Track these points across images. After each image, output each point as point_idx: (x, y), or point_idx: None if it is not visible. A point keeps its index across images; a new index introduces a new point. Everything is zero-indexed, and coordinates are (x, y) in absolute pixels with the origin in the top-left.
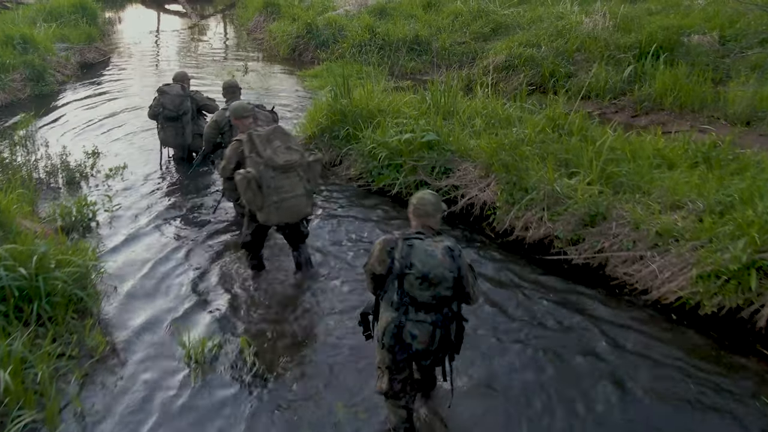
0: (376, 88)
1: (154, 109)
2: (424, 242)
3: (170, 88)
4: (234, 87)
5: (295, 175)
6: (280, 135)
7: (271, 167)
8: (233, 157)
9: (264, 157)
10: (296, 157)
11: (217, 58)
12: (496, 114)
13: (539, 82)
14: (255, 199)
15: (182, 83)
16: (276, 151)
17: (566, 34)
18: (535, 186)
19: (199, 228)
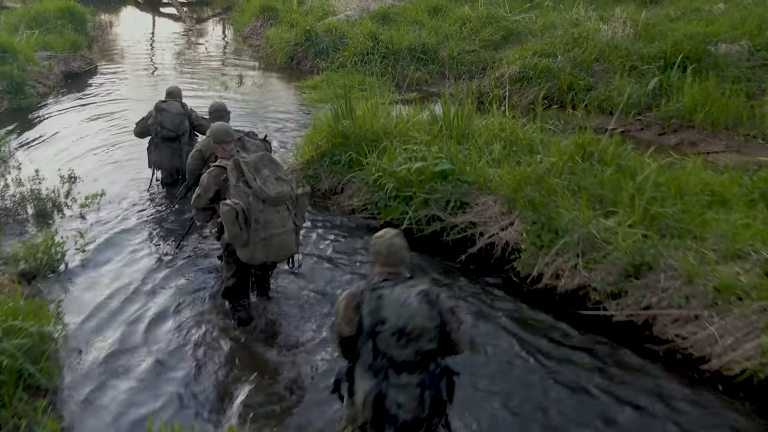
0: (380, 102)
1: (151, 127)
2: (395, 290)
3: (170, 106)
4: (222, 110)
5: (284, 209)
6: (269, 163)
7: (260, 199)
8: (212, 186)
9: (253, 188)
10: (287, 189)
11: (212, 66)
12: (515, 136)
13: (556, 95)
14: (241, 234)
15: (180, 100)
16: (266, 181)
17: (583, 43)
18: (567, 228)
19: (182, 271)
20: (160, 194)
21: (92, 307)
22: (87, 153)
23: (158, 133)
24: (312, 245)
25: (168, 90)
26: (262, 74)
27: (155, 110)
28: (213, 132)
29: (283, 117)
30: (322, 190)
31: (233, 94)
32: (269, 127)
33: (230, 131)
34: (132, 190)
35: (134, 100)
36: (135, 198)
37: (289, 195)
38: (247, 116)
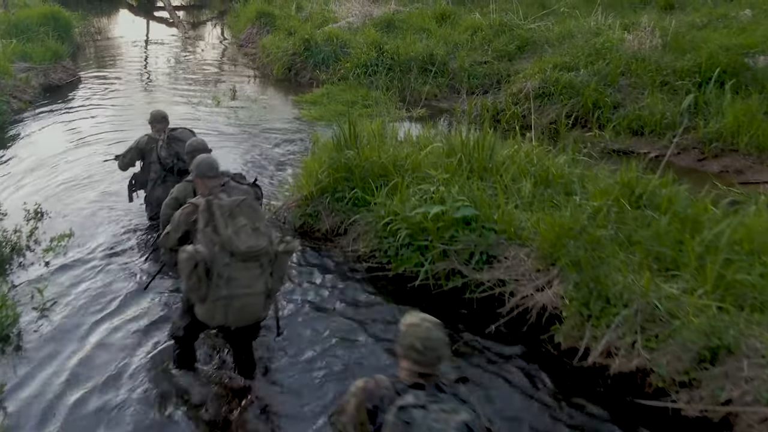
0: (386, 120)
1: (164, 160)
2: (429, 414)
3: (183, 135)
4: (201, 150)
5: (256, 267)
6: (248, 210)
7: (228, 251)
8: (182, 225)
9: (222, 237)
10: (263, 243)
11: (204, 78)
12: (546, 170)
13: (580, 113)
14: (199, 288)
15: (166, 125)
16: (239, 231)
17: (607, 55)
18: (621, 295)
19: (157, 341)
20: (137, 235)
21: (42, 396)
22: (59, 183)
23: (172, 166)
24: (309, 297)
25: (155, 115)
26: (257, 87)
27: (169, 140)
28: (196, 164)
29: (278, 137)
30: (322, 230)
31: (225, 109)
32: (262, 149)
33: (215, 166)
34: (104, 230)
35: (117, 119)
36: (107, 240)
37: (265, 251)
38: (239, 137)
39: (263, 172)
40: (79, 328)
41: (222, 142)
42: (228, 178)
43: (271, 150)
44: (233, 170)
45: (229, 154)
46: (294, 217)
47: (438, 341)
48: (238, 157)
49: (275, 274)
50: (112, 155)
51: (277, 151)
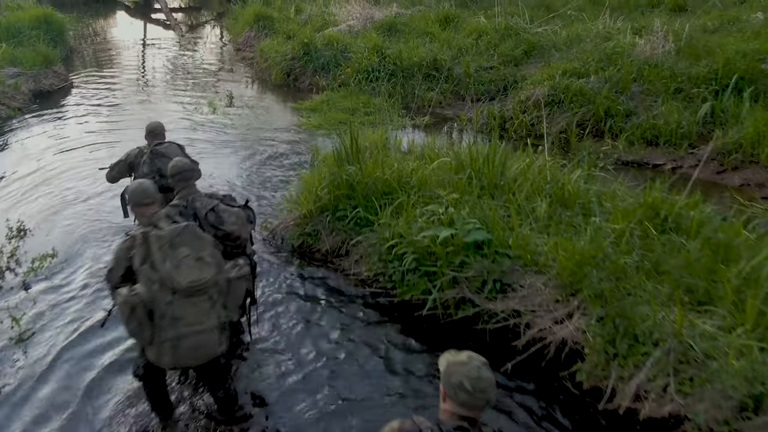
0: (389, 128)
1: (147, 176)
2: None
3: (169, 150)
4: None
5: (204, 300)
6: (191, 239)
7: (169, 288)
8: (122, 262)
9: (161, 273)
10: (209, 275)
11: (201, 83)
12: (561, 186)
13: (591, 122)
14: (142, 331)
15: (162, 138)
16: (180, 264)
17: (618, 60)
18: (650, 333)
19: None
20: None
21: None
22: (45, 197)
23: (154, 182)
24: (307, 325)
25: (151, 128)
26: (255, 92)
27: (151, 155)
28: (130, 192)
29: (276, 147)
30: (322, 251)
31: (220, 117)
32: (259, 161)
33: (150, 191)
34: (90, 248)
35: (109, 127)
36: (92, 261)
37: (212, 282)
38: (235, 146)
39: (259, 186)
40: (56, 363)
41: (217, 153)
42: (217, 201)
43: (268, 161)
44: (225, 187)
45: (223, 165)
46: (292, 236)
47: (488, 382)
48: (233, 169)
49: (229, 305)
50: (107, 165)
51: (274, 162)
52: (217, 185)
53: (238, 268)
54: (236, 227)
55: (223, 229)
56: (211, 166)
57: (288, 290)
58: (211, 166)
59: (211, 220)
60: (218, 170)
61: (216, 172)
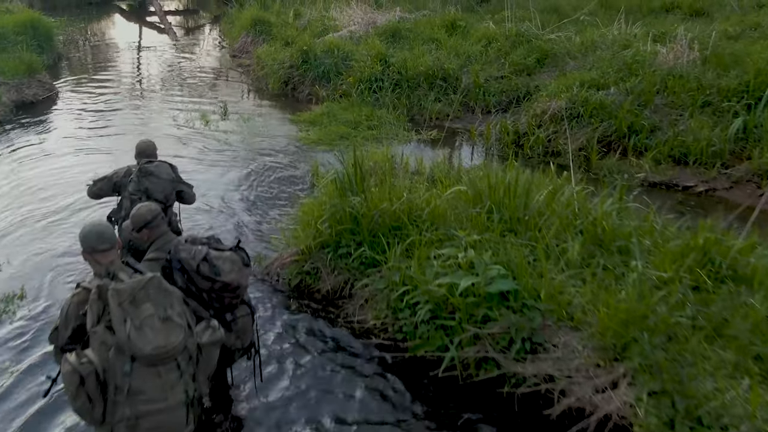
0: (394, 143)
1: (133, 196)
2: None
3: (159, 169)
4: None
5: (170, 370)
6: (156, 293)
7: (128, 355)
8: (72, 320)
9: (118, 336)
10: (177, 339)
11: (193, 92)
12: (592, 220)
13: (614, 138)
14: (91, 409)
15: (154, 158)
16: (143, 325)
17: (639, 70)
18: (717, 415)
19: None
20: None
21: None
22: (19, 222)
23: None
24: (303, 381)
25: (141, 148)
26: (251, 103)
27: (139, 174)
28: (82, 236)
29: (272, 166)
30: (322, 291)
31: (213, 130)
32: (253, 182)
33: (106, 234)
34: (62, 285)
35: (93, 142)
36: (56, 305)
37: (181, 347)
38: (227, 165)
39: (254, 209)
40: None
41: (208, 171)
42: (205, 247)
43: (263, 183)
44: (215, 208)
45: (215, 185)
46: (289, 274)
47: None
48: (225, 190)
49: (199, 375)
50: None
51: (270, 184)
52: (208, 206)
53: (211, 330)
54: (235, 275)
55: (220, 280)
56: (202, 186)
57: (283, 339)
58: (202, 186)
59: (204, 271)
60: (209, 190)
61: (207, 192)
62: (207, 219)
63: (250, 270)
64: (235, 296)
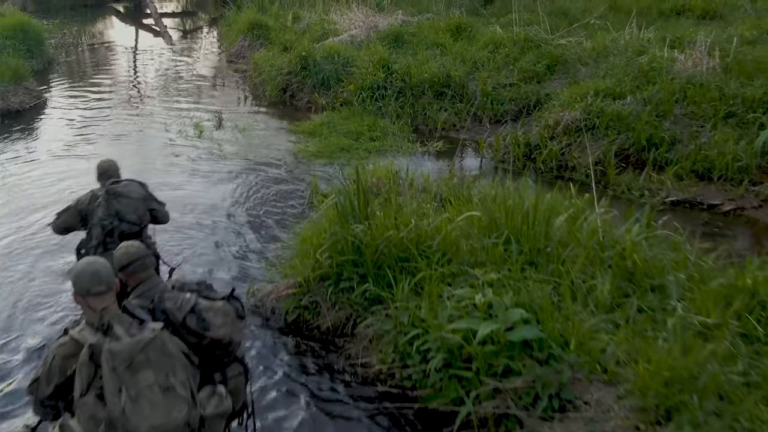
0: (398, 154)
1: (103, 221)
2: None
3: (128, 189)
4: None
5: None
6: (158, 357)
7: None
8: (56, 374)
9: (111, 410)
10: (180, 415)
11: (188, 99)
12: (620, 252)
13: (631, 151)
14: None
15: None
16: (140, 397)
17: (656, 78)
18: None
19: None
20: None
21: None
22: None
23: (112, 229)
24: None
25: (102, 168)
26: (247, 111)
27: (107, 196)
28: (74, 276)
29: (268, 182)
30: (322, 328)
31: (207, 142)
32: (248, 201)
33: (102, 274)
34: (36, 331)
35: (79, 157)
36: (29, 338)
37: (183, 423)
38: (220, 179)
39: (248, 230)
40: None
41: (199, 186)
42: (194, 295)
43: (258, 200)
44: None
45: (207, 202)
46: (285, 308)
47: None
48: (216, 210)
49: None
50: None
51: (266, 202)
52: (198, 224)
53: (218, 399)
54: (226, 330)
55: (209, 335)
56: (192, 202)
57: (279, 385)
58: (192, 202)
59: (192, 325)
60: (200, 207)
61: (197, 209)
62: (195, 239)
63: (245, 323)
64: (227, 353)
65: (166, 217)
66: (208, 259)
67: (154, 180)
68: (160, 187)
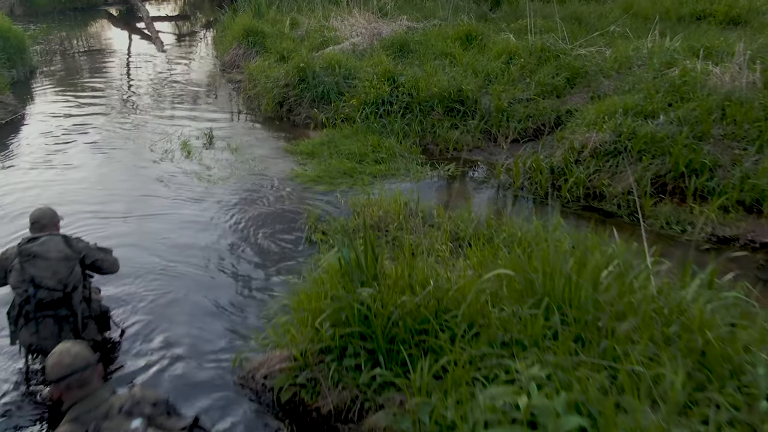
0: (406, 180)
1: (15, 288)
2: None
3: (45, 247)
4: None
5: None
6: None
7: None
8: None
9: None
10: None
11: (176, 113)
12: (688, 324)
13: (668, 177)
14: None
15: (57, 230)
16: None
17: (689, 94)
18: None
19: None
20: (27, 401)
21: None
22: None
23: (29, 297)
24: None
25: (34, 217)
26: (241, 128)
27: (21, 258)
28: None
29: (261, 215)
30: (323, 410)
31: (196, 164)
32: (234, 239)
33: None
34: None
35: (53, 179)
36: None
37: None
38: (209, 207)
39: (230, 278)
40: None
41: (183, 220)
42: (138, 423)
43: (248, 238)
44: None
45: (187, 240)
46: (279, 384)
47: None
48: (195, 252)
49: None
50: None
51: (257, 239)
52: (174, 268)
53: None
54: None
55: None
56: (169, 239)
57: None
58: (168, 239)
59: None
60: (178, 244)
61: (176, 246)
62: (165, 286)
63: None
64: None
65: (114, 267)
66: (180, 315)
67: (129, 209)
68: (133, 218)
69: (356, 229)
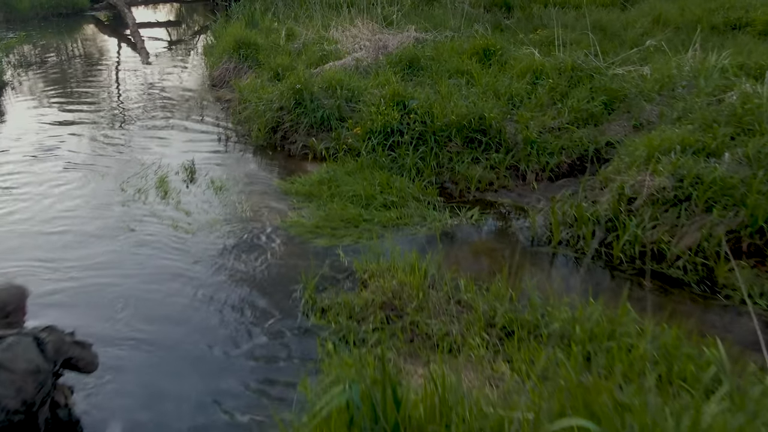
0: (422, 231)
1: None
2: None
3: (12, 352)
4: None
5: None
6: None
7: None
8: None
9: None
10: None
11: (155, 143)
12: None
13: (743, 233)
14: None
15: (21, 316)
16: None
17: (755, 125)
18: None
19: None
20: None
21: None
22: None
23: None
24: None
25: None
26: (228, 158)
27: None
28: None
29: (246, 277)
30: None
31: (172, 207)
32: (213, 321)
33: None
34: None
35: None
36: None
37: None
38: (185, 269)
39: (201, 385)
40: None
41: (150, 293)
42: None
43: (229, 313)
44: None
45: (156, 320)
46: None
47: None
48: (159, 339)
49: None
50: None
51: (240, 315)
52: (130, 363)
53: None
54: None
55: None
56: (142, 315)
57: None
58: (141, 314)
59: None
60: (148, 327)
61: (142, 331)
62: (139, 387)
63: None
64: None
65: (91, 366)
66: None
67: (84, 261)
68: (90, 285)
69: (365, 308)
